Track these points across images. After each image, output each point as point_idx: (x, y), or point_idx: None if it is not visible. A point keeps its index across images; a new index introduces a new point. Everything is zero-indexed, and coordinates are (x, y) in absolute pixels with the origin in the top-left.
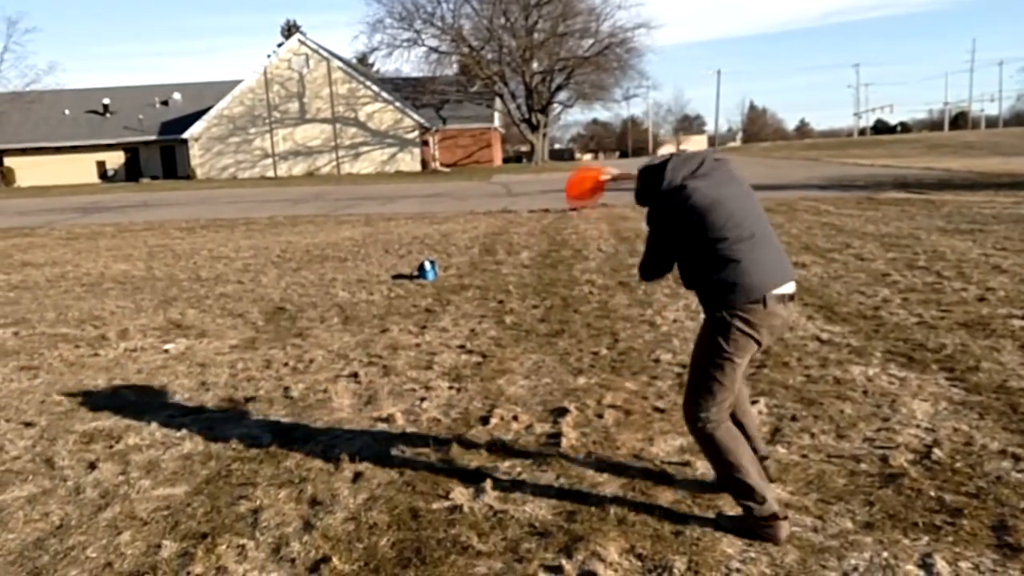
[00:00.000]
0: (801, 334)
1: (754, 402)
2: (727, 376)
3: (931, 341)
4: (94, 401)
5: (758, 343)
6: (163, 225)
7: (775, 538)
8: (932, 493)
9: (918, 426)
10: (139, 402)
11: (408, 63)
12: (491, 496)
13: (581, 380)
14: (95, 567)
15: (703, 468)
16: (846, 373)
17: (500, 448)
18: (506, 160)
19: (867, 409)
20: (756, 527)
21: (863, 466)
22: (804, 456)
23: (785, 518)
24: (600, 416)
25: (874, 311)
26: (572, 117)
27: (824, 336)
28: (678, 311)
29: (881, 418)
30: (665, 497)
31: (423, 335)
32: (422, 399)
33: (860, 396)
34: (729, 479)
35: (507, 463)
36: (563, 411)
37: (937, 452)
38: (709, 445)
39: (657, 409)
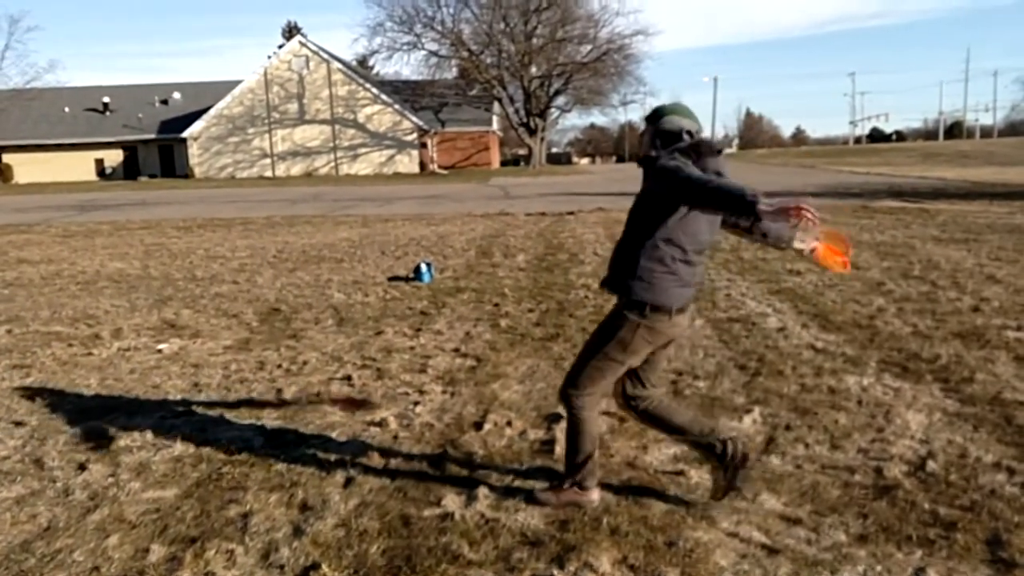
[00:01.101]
0: (796, 342)
1: (748, 411)
2: (613, 371)
3: (926, 351)
4: (86, 401)
5: (652, 346)
6: (160, 224)
7: (583, 506)
8: (926, 506)
9: (912, 437)
10: (131, 402)
11: (408, 66)
12: (483, 504)
13: None
14: (82, 571)
15: (697, 478)
16: (841, 382)
17: (493, 454)
18: (504, 163)
19: (861, 419)
20: (568, 502)
21: (857, 477)
22: (798, 467)
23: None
24: None
25: (869, 320)
26: (570, 121)
27: (819, 345)
28: None
29: (875, 429)
30: (658, 507)
31: (418, 338)
32: (415, 403)
33: (855, 406)
34: (574, 458)
35: (500, 470)
36: (557, 417)
37: (931, 464)
38: (573, 424)
39: None
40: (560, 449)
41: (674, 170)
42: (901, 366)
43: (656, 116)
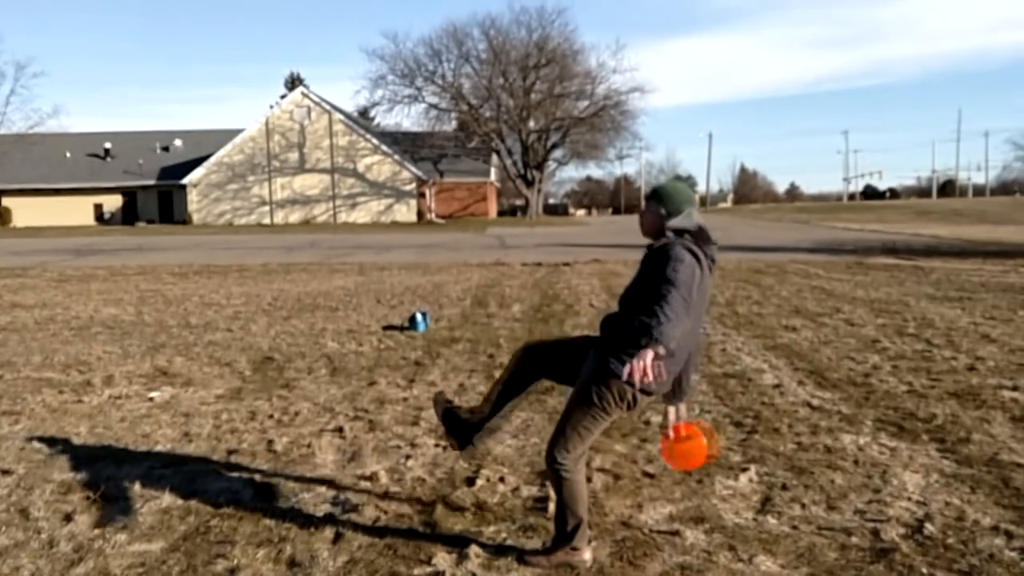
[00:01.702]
0: (792, 400)
1: (744, 469)
2: (596, 430)
3: (921, 410)
4: (75, 450)
5: (632, 409)
6: (156, 269)
7: (575, 567)
8: (924, 570)
9: (909, 499)
10: (120, 452)
11: (408, 118)
12: (475, 563)
13: None
14: None
15: (693, 538)
16: (837, 441)
17: (486, 511)
18: (501, 213)
19: (858, 479)
20: (560, 563)
21: (854, 539)
22: (795, 527)
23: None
24: (589, 480)
25: (864, 378)
26: (566, 173)
27: (815, 402)
28: None
29: (872, 489)
30: (653, 568)
31: (411, 389)
32: (407, 457)
33: (851, 466)
34: (565, 521)
35: (492, 527)
36: None
37: (929, 527)
38: (561, 487)
39: (647, 474)
40: (553, 507)
41: (676, 283)
42: (897, 425)
43: (670, 210)
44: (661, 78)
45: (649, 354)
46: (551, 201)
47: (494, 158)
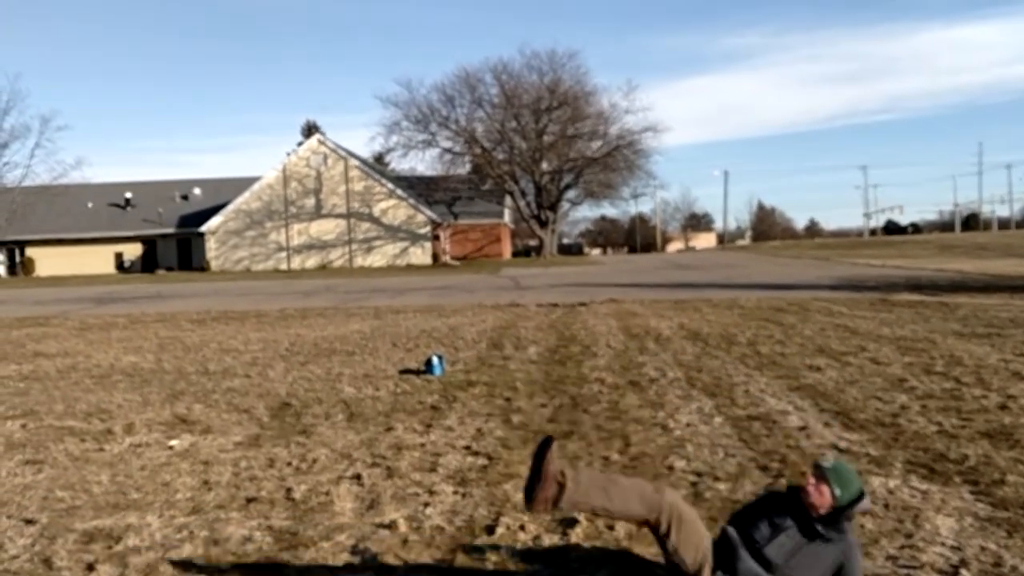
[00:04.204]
0: (819, 442)
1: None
2: None
3: (952, 451)
4: (96, 498)
5: None
6: (175, 317)
7: None
8: None
9: (943, 544)
10: (141, 500)
11: (423, 162)
12: None
13: None
14: None
15: None
16: (866, 485)
17: (506, 561)
18: (515, 254)
19: (889, 524)
20: None
21: None
22: None
23: None
24: (611, 528)
25: (892, 418)
26: (581, 213)
27: (842, 444)
28: (691, 414)
29: (904, 534)
30: None
31: (428, 434)
32: (426, 504)
33: (881, 510)
34: None
35: None
36: (572, 521)
37: (964, 573)
38: None
39: None
40: (574, 555)
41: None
42: (928, 467)
43: (856, 496)
44: (674, 117)
45: None
46: (565, 241)
47: (508, 200)
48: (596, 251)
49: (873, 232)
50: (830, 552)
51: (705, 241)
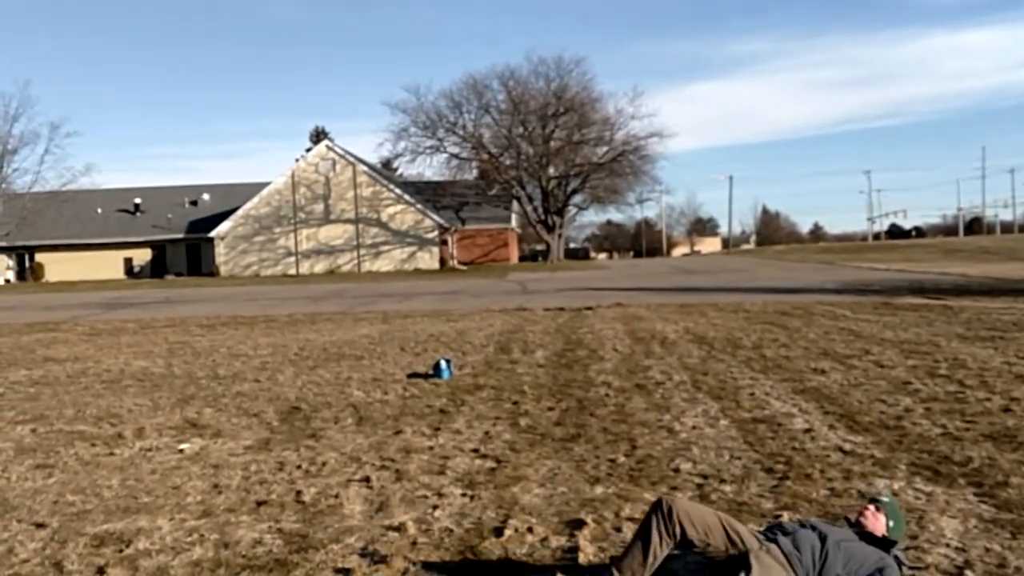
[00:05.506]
0: (823, 444)
1: (777, 516)
2: None
3: (957, 454)
4: (107, 502)
5: None
6: (184, 321)
7: None
8: None
9: (948, 545)
10: (152, 504)
11: (430, 168)
12: None
13: (598, 490)
14: None
15: None
16: (871, 487)
17: (514, 562)
18: (522, 258)
19: None
20: None
21: None
22: None
23: None
24: (618, 530)
25: (896, 421)
26: (587, 218)
27: (847, 447)
28: (697, 417)
29: (909, 536)
30: None
31: (437, 437)
32: (434, 507)
33: None
34: None
35: None
36: (580, 523)
37: (969, 575)
38: None
39: None
40: (583, 557)
41: None
42: (932, 469)
43: (901, 536)
44: (680, 122)
45: None
46: (572, 245)
47: (515, 205)
48: (602, 255)
49: (877, 236)
50: (874, 553)
51: (710, 245)
